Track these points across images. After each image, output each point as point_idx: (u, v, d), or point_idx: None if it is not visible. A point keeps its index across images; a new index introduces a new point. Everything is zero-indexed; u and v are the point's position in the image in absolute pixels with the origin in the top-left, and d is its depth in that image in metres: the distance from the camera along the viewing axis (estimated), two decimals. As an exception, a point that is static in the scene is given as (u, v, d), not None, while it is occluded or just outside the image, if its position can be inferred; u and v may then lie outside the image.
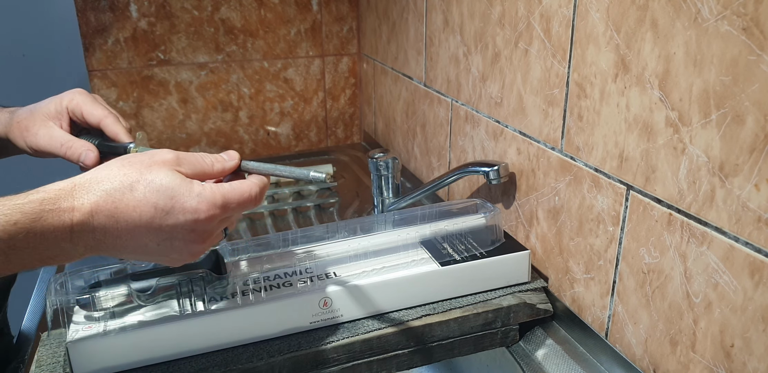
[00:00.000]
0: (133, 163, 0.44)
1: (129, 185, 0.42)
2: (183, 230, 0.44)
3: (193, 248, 0.45)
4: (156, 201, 0.42)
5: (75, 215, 0.40)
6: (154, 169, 0.43)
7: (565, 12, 0.57)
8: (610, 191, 0.55)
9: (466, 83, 0.79)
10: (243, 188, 0.46)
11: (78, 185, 0.42)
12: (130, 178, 0.42)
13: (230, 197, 0.45)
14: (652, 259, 0.51)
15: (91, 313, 0.55)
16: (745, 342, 0.43)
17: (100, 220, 0.41)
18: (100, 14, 1.06)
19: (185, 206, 0.43)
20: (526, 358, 0.64)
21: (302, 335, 0.58)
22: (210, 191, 0.44)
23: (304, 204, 0.97)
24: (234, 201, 0.45)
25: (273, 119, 1.24)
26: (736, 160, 0.42)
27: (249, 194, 0.46)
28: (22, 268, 0.41)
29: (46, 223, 0.39)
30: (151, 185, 0.42)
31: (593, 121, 0.56)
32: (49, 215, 0.40)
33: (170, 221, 0.43)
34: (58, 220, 0.40)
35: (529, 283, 0.66)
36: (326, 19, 1.20)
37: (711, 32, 0.42)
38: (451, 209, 0.69)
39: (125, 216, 0.42)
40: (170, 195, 0.43)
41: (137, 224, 0.42)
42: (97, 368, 0.53)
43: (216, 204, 0.44)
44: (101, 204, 0.41)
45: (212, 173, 0.48)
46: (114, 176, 0.42)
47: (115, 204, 0.41)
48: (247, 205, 0.47)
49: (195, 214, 0.43)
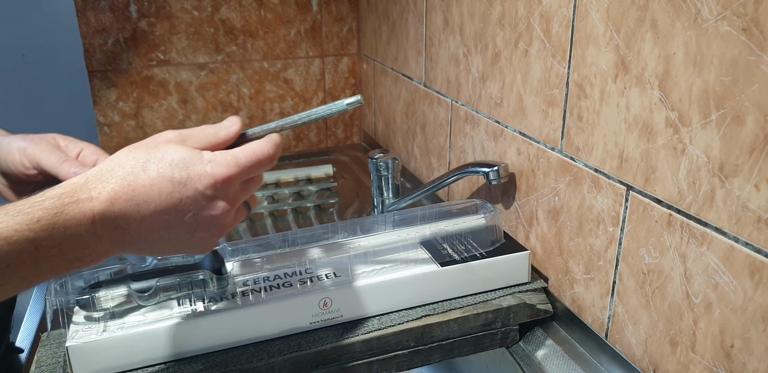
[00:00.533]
0: (139, 147, 0.44)
1: (141, 166, 0.42)
2: (205, 199, 0.43)
3: (220, 219, 0.45)
4: (171, 175, 0.42)
5: (95, 205, 0.40)
6: (161, 148, 0.43)
7: (565, 12, 0.57)
8: (610, 191, 0.55)
9: (466, 84, 0.79)
10: (253, 146, 0.46)
11: (91, 177, 0.42)
12: (140, 160, 0.42)
13: (242, 156, 0.45)
14: (652, 259, 0.51)
15: (91, 313, 0.55)
16: (745, 342, 0.43)
17: (120, 205, 0.41)
18: (100, 14, 1.06)
19: (201, 173, 0.43)
20: (526, 358, 0.64)
21: (302, 335, 0.58)
22: (221, 155, 0.44)
23: (304, 204, 0.97)
24: (248, 159, 0.45)
25: (273, 119, 1.24)
26: (736, 160, 0.42)
27: (261, 150, 0.46)
28: (51, 272, 0.40)
29: (69, 216, 0.39)
30: (162, 161, 0.42)
31: (593, 122, 0.56)
32: (70, 207, 0.39)
33: (189, 191, 0.42)
34: (79, 211, 0.39)
35: (529, 283, 0.66)
36: (326, 20, 1.20)
37: (711, 32, 0.42)
38: (451, 209, 0.69)
39: (144, 197, 0.41)
40: (183, 166, 0.43)
41: (158, 202, 0.42)
42: (97, 369, 0.53)
43: (230, 165, 0.44)
44: (118, 190, 0.41)
45: (218, 142, 0.47)
46: (124, 162, 0.42)
47: (132, 187, 0.41)
48: (263, 163, 0.46)
49: (212, 178, 0.43)
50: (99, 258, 0.42)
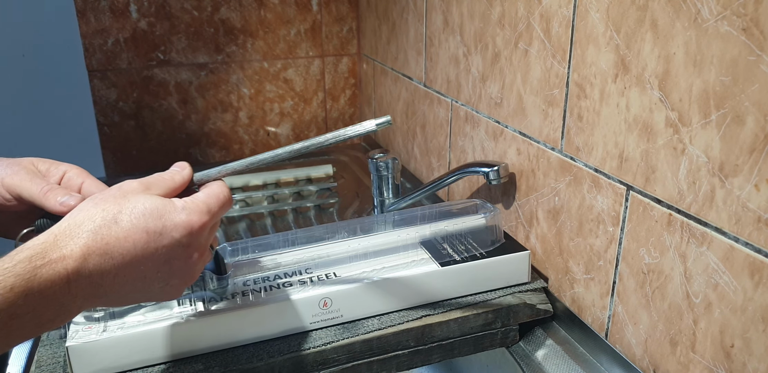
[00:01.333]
0: (106, 199, 0.42)
1: (113, 218, 0.41)
2: (180, 247, 0.43)
3: (194, 266, 0.45)
4: (146, 225, 0.41)
5: (68, 263, 0.38)
6: (130, 198, 0.42)
7: (565, 12, 0.57)
8: (610, 191, 0.55)
9: (466, 84, 0.79)
10: (215, 189, 0.47)
11: (60, 234, 0.40)
12: (110, 211, 0.41)
13: (211, 202, 0.45)
14: (652, 259, 0.51)
15: (91, 313, 0.55)
16: (745, 342, 0.43)
17: (94, 261, 0.39)
18: (100, 14, 1.06)
19: (176, 222, 0.42)
20: (526, 358, 0.64)
21: (302, 335, 0.58)
22: (192, 202, 0.44)
23: (304, 204, 0.97)
24: (215, 204, 0.46)
25: (273, 120, 1.24)
26: (736, 160, 0.42)
27: (223, 194, 0.47)
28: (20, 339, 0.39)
29: (42, 279, 0.37)
30: (134, 211, 0.41)
31: (593, 122, 0.56)
32: (42, 270, 0.37)
33: (165, 240, 0.42)
34: (53, 273, 0.37)
35: (529, 283, 0.66)
36: (326, 20, 1.20)
37: (711, 32, 0.42)
38: (451, 209, 0.69)
39: (119, 249, 0.40)
40: (157, 216, 0.42)
41: (134, 253, 0.41)
42: (97, 369, 0.53)
43: (202, 211, 0.44)
44: (91, 245, 0.39)
45: (176, 187, 0.47)
46: (93, 214, 0.41)
47: (105, 240, 0.40)
48: (226, 205, 0.47)
49: (189, 226, 0.43)
50: (70, 316, 0.40)
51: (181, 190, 0.48)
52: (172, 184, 0.47)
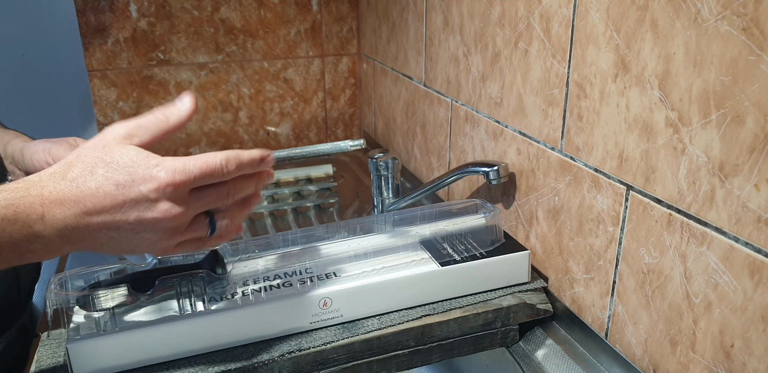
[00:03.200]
0: (88, 150, 0.45)
1: (90, 170, 0.44)
2: (147, 201, 0.44)
3: (164, 222, 0.44)
4: (116, 178, 0.43)
5: (45, 202, 0.42)
6: (108, 150, 0.44)
7: (565, 12, 0.57)
8: (609, 191, 0.55)
9: (466, 83, 0.79)
10: (207, 155, 0.45)
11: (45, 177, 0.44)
12: (88, 164, 0.44)
13: (191, 164, 0.44)
14: (652, 259, 0.51)
15: (91, 313, 0.55)
16: (745, 342, 0.43)
17: (68, 205, 0.43)
18: (100, 14, 1.06)
19: (145, 176, 0.43)
20: (526, 358, 0.64)
21: (302, 335, 0.58)
22: (170, 161, 0.44)
23: (304, 204, 0.97)
24: (196, 167, 0.44)
25: (273, 119, 1.24)
26: (736, 160, 0.42)
27: (213, 160, 0.45)
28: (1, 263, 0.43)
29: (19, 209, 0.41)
30: (110, 166, 0.44)
31: (593, 122, 0.56)
32: (20, 201, 0.42)
33: (134, 193, 0.43)
34: (29, 206, 0.42)
35: (529, 283, 0.66)
36: (326, 20, 1.20)
37: (711, 32, 0.42)
38: (451, 209, 0.69)
39: (91, 199, 0.43)
40: (128, 171, 0.44)
41: (103, 203, 0.43)
42: (97, 369, 0.53)
43: (176, 170, 0.44)
44: (66, 191, 0.43)
45: (170, 129, 0.47)
46: (74, 165, 0.44)
47: (80, 189, 0.43)
48: (215, 172, 0.45)
49: (156, 181, 0.43)
50: (51, 252, 0.44)
51: (178, 129, 0.48)
52: (165, 126, 0.47)
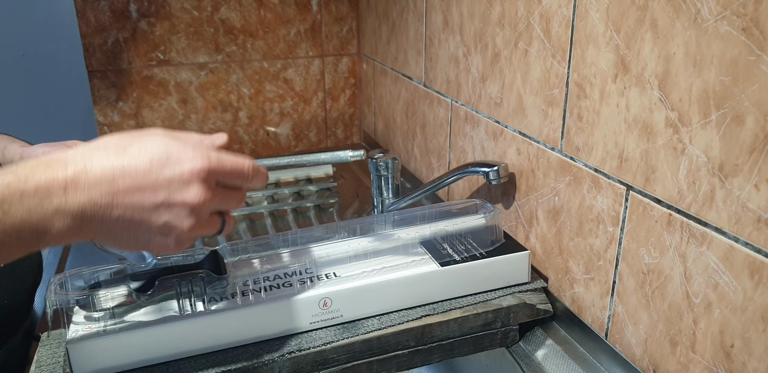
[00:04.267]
0: (124, 135, 0.44)
1: (124, 147, 0.43)
2: (181, 182, 0.43)
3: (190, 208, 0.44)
4: (151, 155, 0.43)
5: (69, 170, 0.40)
6: (144, 136, 0.44)
7: (565, 12, 0.57)
8: (609, 191, 0.55)
9: (466, 83, 0.79)
10: (237, 158, 0.47)
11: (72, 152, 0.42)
12: (124, 141, 0.43)
13: (225, 157, 0.46)
14: (652, 259, 0.51)
15: (91, 313, 0.55)
16: (744, 342, 0.43)
17: (95, 173, 0.41)
18: (100, 14, 1.06)
19: (181, 157, 0.43)
20: (526, 358, 0.64)
21: (302, 335, 0.58)
22: (207, 148, 0.45)
23: (304, 204, 0.97)
24: (230, 162, 0.46)
25: (273, 120, 1.24)
26: (736, 160, 0.42)
27: (244, 161, 0.47)
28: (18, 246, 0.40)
29: (40, 182, 0.39)
30: (145, 145, 0.43)
31: (593, 122, 0.56)
32: (41, 175, 0.39)
33: (167, 172, 0.43)
34: (51, 178, 0.40)
35: (529, 283, 0.66)
36: (326, 20, 1.20)
37: (711, 32, 0.42)
38: (451, 209, 0.69)
39: (121, 171, 0.41)
40: (165, 150, 0.43)
41: (134, 177, 0.42)
42: (97, 369, 0.53)
43: (212, 158, 0.44)
44: (95, 161, 0.41)
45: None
46: (108, 142, 0.43)
47: (110, 161, 0.41)
48: (243, 173, 0.47)
49: (192, 163, 0.43)
50: (71, 234, 0.41)
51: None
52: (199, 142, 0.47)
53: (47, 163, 0.40)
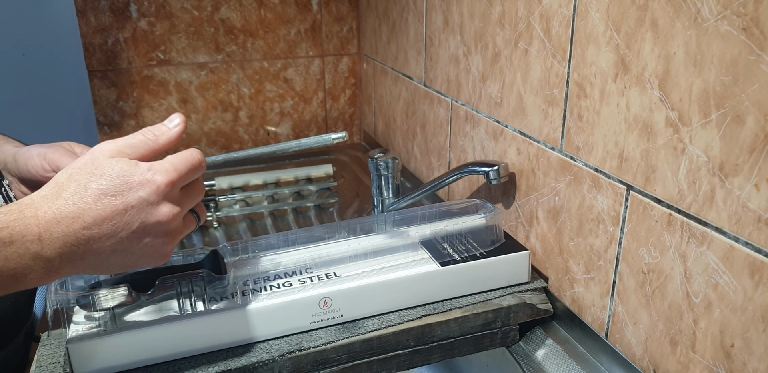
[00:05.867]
0: (78, 168, 0.45)
1: (84, 186, 0.43)
2: (148, 205, 0.44)
3: (167, 225, 0.45)
4: (113, 189, 0.43)
5: (40, 222, 0.41)
6: (97, 165, 0.44)
7: (565, 12, 0.57)
8: (610, 191, 0.55)
9: (466, 83, 0.79)
10: (183, 153, 0.48)
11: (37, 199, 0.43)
12: (81, 181, 0.44)
13: (176, 162, 0.46)
14: (652, 259, 0.51)
15: (91, 313, 0.55)
16: (745, 342, 0.43)
17: (66, 223, 0.42)
18: (100, 14, 1.06)
19: (141, 181, 0.44)
20: (526, 358, 0.64)
21: (302, 335, 0.58)
22: (158, 163, 0.46)
23: (304, 204, 0.97)
24: (183, 165, 0.47)
25: (273, 119, 1.24)
26: (736, 160, 0.42)
27: (192, 156, 0.48)
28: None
29: (15, 231, 0.40)
30: (102, 178, 0.44)
31: (593, 122, 0.56)
32: (16, 223, 0.41)
33: (132, 200, 0.44)
34: (25, 227, 0.41)
35: (529, 283, 0.66)
36: (326, 19, 1.20)
37: (711, 32, 0.42)
38: (451, 209, 0.69)
39: (90, 212, 0.43)
40: (122, 180, 0.44)
41: (103, 215, 0.43)
42: (97, 368, 0.53)
43: (169, 170, 0.45)
44: (63, 209, 0.42)
45: (158, 148, 0.48)
46: (66, 185, 0.44)
47: (77, 205, 0.43)
48: (196, 168, 0.48)
49: (154, 184, 0.44)
50: (50, 275, 0.43)
51: (166, 148, 0.49)
52: (154, 145, 0.48)
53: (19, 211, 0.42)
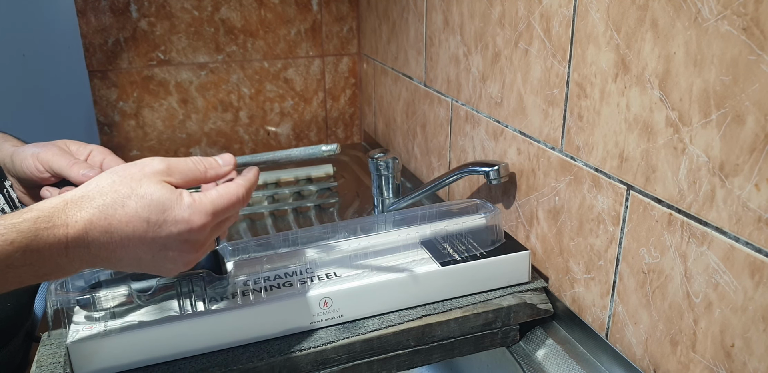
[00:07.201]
0: (124, 178, 0.44)
1: (121, 201, 0.43)
2: (177, 241, 0.44)
3: (187, 257, 0.46)
4: (148, 216, 0.43)
5: (69, 232, 0.41)
6: (144, 183, 0.44)
7: (565, 12, 0.57)
8: (610, 190, 0.55)
9: (466, 83, 0.79)
10: (230, 191, 0.47)
11: (70, 202, 0.42)
12: (120, 193, 0.43)
13: (219, 204, 0.46)
14: (653, 259, 0.51)
15: (92, 313, 0.55)
16: (745, 342, 0.43)
17: (94, 235, 0.42)
18: (100, 14, 1.06)
19: (177, 218, 0.44)
20: (527, 358, 0.64)
21: (302, 335, 0.58)
22: (199, 201, 0.45)
23: (304, 204, 0.97)
24: (222, 206, 0.46)
25: (273, 119, 1.24)
26: (737, 160, 0.42)
27: (237, 196, 0.47)
28: (18, 285, 0.42)
29: (42, 241, 0.40)
30: (142, 201, 0.43)
31: (593, 121, 0.56)
32: (44, 232, 0.40)
33: (163, 233, 0.44)
34: (53, 237, 0.41)
35: (530, 283, 0.66)
36: (326, 19, 1.20)
37: (711, 32, 0.42)
38: (451, 209, 0.69)
39: (119, 231, 0.42)
40: (161, 209, 0.43)
41: (131, 237, 0.43)
42: (98, 368, 0.53)
43: (207, 212, 0.45)
44: (94, 220, 0.42)
45: (206, 180, 0.49)
46: (106, 192, 0.43)
47: (108, 220, 0.42)
48: (236, 207, 0.48)
49: (188, 224, 0.44)
50: (68, 274, 0.44)
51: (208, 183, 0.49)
52: (201, 177, 0.48)
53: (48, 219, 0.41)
